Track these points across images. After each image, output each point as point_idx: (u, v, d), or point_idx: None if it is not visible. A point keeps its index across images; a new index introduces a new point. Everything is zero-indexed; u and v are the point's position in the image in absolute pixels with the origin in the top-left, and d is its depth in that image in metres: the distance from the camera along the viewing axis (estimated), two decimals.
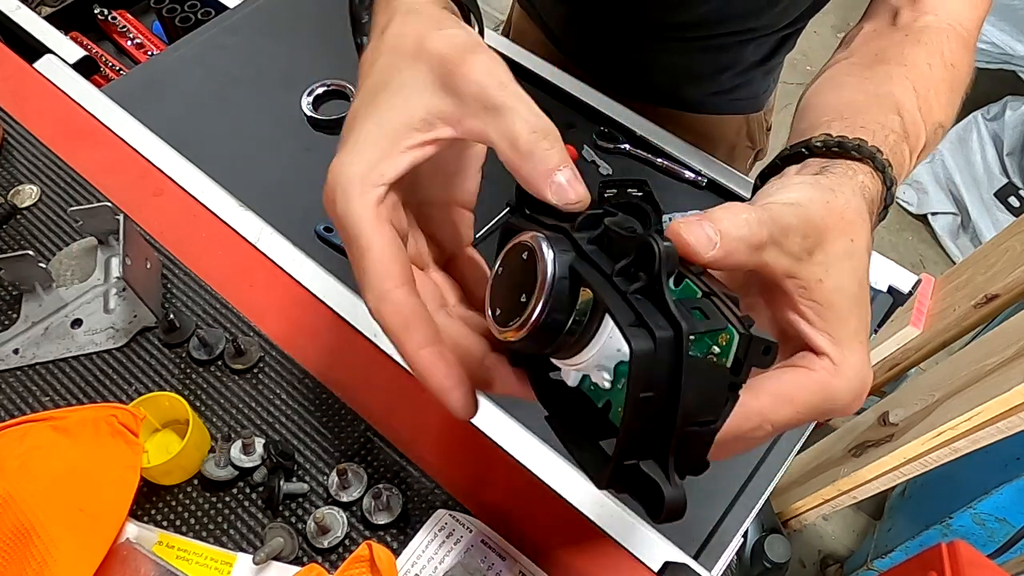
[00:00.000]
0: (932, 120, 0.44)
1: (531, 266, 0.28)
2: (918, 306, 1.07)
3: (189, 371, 0.57)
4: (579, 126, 0.78)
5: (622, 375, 0.27)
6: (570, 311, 0.28)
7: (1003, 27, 1.87)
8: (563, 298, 0.27)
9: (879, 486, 1.14)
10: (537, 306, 0.27)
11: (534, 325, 0.28)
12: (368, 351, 0.58)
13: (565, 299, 0.28)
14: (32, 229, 0.64)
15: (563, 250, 0.28)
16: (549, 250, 0.28)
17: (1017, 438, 0.90)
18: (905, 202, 2.04)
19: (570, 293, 0.28)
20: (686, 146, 0.77)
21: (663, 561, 0.50)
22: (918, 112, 0.43)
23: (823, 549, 1.51)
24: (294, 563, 0.48)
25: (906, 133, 0.41)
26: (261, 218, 0.66)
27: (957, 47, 0.48)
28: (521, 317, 0.28)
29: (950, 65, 0.47)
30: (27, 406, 0.55)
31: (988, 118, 1.90)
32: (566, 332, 0.28)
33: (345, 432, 0.54)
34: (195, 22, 0.87)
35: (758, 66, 0.82)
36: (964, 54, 0.49)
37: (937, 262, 1.96)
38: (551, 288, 0.27)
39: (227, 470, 0.51)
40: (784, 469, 0.58)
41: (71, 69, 0.76)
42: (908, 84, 0.44)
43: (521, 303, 0.28)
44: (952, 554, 0.42)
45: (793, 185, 0.34)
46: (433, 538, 0.50)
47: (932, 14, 0.49)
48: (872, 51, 0.48)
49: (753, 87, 0.85)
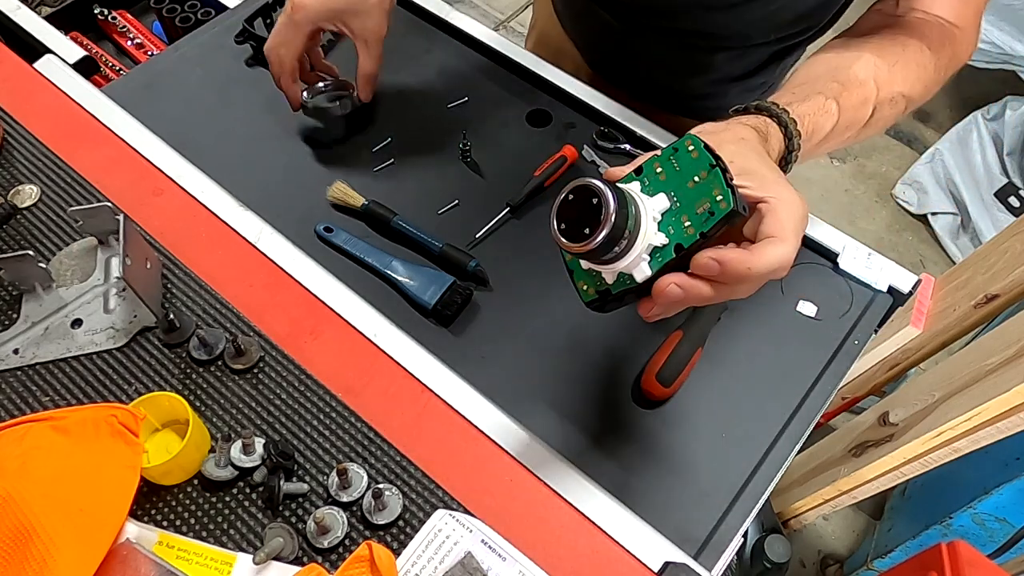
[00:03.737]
0: (891, 88, 0.55)
1: (592, 201, 0.38)
2: (918, 306, 1.06)
3: (189, 371, 0.57)
4: (579, 126, 0.78)
5: (657, 253, 0.41)
6: (623, 232, 0.39)
7: (1003, 27, 1.86)
8: (620, 224, 0.38)
9: (879, 486, 1.14)
10: (603, 230, 0.37)
11: (599, 243, 0.38)
12: (368, 351, 0.58)
13: (621, 224, 0.38)
14: (32, 229, 0.64)
15: (614, 189, 0.39)
16: (608, 190, 0.38)
17: (1017, 438, 0.90)
18: (905, 202, 2.04)
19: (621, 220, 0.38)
20: None
21: (663, 561, 0.50)
22: (872, 81, 0.54)
23: (823, 549, 1.51)
24: (294, 563, 0.48)
25: (840, 95, 0.52)
26: (261, 218, 0.66)
27: (941, 36, 0.57)
28: (590, 238, 0.38)
29: (925, 48, 0.56)
30: (27, 406, 0.55)
31: (988, 118, 1.90)
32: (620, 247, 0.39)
33: (345, 432, 0.54)
34: (195, 22, 0.87)
35: (733, 81, 0.82)
36: (951, 43, 0.58)
37: (937, 262, 1.96)
38: (613, 216, 0.37)
39: (227, 470, 0.51)
40: (784, 469, 0.58)
41: (71, 69, 0.76)
42: (872, 59, 0.55)
43: (584, 233, 0.38)
44: (952, 554, 0.42)
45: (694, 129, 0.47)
46: (433, 538, 0.49)
47: (922, 11, 0.59)
48: (862, 31, 0.59)
49: (727, 99, 0.84)
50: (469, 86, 0.81)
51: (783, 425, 0.60)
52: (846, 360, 0.64)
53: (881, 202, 2.08)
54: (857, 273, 0.68)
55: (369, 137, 0.76)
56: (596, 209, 0.38)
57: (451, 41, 0.86)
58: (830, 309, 0.67)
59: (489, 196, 0.72)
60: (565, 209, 0.40)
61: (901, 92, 0.55)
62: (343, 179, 0.71)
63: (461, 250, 0.67)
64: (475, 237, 0.69)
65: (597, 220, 0.38)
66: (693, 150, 0.40)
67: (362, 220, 0.70)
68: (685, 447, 0.59)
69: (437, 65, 0.83)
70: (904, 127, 2.25)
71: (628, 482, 0.57)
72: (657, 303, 0.41)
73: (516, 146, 0.76)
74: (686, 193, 0.40)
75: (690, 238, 0.40)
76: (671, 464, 0.58)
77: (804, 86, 0.53)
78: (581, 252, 0.39)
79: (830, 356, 0.64)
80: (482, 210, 0.71)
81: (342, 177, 0.71)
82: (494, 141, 0.77)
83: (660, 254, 0.41)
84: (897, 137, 2.23)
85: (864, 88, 0.54)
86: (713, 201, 0.39)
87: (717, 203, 0.39)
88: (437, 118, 0.79)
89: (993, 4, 1.85)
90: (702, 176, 0.40)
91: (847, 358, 0.64)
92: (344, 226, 0.69)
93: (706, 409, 0.61)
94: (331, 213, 0.70)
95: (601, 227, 0.37)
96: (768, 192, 0.42)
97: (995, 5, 1.85)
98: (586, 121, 0.78)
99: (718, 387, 0.62)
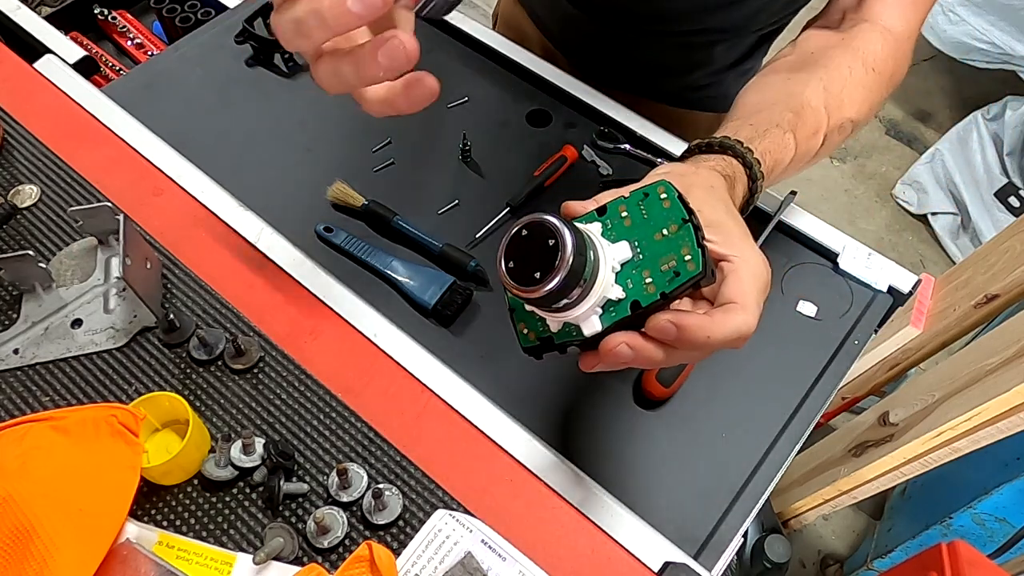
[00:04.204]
0: (840, 115, 0.54)
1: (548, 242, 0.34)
2: (918, 306, 1.07)
3: (189, 371, 0.57)
4: (579, 126, 0.78)
5: (611, 307, 0.37)
6: (579, 278, 0.35)
7: (1003, 27, 1.86)
8: (576, 270, 0.34)
9: (879, 486, 1.14)
10: (555, 277, 0.34)
11: (549, 291, 0.34)
12: (368, 351, 0.58)
13: (577, 271, 0.35)
14: (32, 229, 0.64)
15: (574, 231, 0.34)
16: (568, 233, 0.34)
17: (1017, 438, 0.90)
18: (905, 202, 2.04)
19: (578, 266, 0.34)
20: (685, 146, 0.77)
21: (663, 561, 0.50)
22: (823, 108, 0.53)
23: (823, 549, 1.51)
24: (294, 563, 0.48)
25: (796, 126, 0.51)
26: (261, 218, 0.66)
27: (885, 53, 0.56)
28: (540, 283, 0.34)
29: (871, 69, 0.56)
30: (27, 406, 0.55)
31: (988, 118, 1.90)
32: (572, 297, 0.35)
33: (345, 432, 0.54)
34: (195, 22, 0.87)
35: (730, 68, 0.84)
36: (893, 58, 0.57)
37: (937, 262, 1.96)
38: (569, 262, 0.34)
39: (227, 470, 0.51)
40: (784, 469, 0.58)
41: (71, 69, 0.76)
42: (821, 85, 0.54)
43: (535, 277, 0.34)
44: (952, 554, 0.42)
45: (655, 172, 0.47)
46: (433, 538, 0.49)
47: (868, 21, 0.57)
48: (809, 50, 0.58)
49: (724, 87, 0.87)
50: (469, 86, 0.81)
51: (783, 425, 0.60)
52: (846, 360, 0.64)
53: (881, 202, 2.08)
54: (857, 273, 0.68)
55: (369, 137, 0.76)
56: (551, 251, 0.34)
57: (451, 41, 0.86)
58: (830, 309, 0.67)
59: (489, 196, 0.72)
60: (516, 245, 0.35)
61: (849, 118, 0.55)
62: (343, 179, 0.71)
63: (461, 250, 0.67)
64: (475, 237, 0.69)
65: (551, 264, 0.34)
66: (665, 199, 0.37)
67: (362, 220, 0.70)
68: (685, 447, 0.59)
69: (437, 65, 0.83)
70: (904, 127, 2.25)
71: (628, 482, 0.56)
72: (603, 360, 0.38)
73: (516, 146, 0.76)
74: (651, 245, 0.37)
75: (649, 297, 0.36)
76: (671, 464, 0.58)
77: (760, 116, 0.52)
78: (527, 297, 0.35)
79: (830, 356, 0.64)
80: (482, 210, 0.70)
81: (342, 177, 0.71)
82: (494, 141, 0.77)
83: (614, 309, 0.37)
84: (897, 137, 2.23)
85: (817, 116, 0.53)
86: (680, 260, 0.36)
87: (685, 263, 0.36)
88: (437, 118, 0.79)
89: (993, 4, 1.86)
90: (672, 229, 0.36)
91: (847, 358, 0.64)
92: (344, 226, 0.69)
93: (706, 409, 0.61)
94: (331, 213, 0.70)
95: (554, 273, 0.33)
96: (733, 250, 0.39)
97: (995, 5, 1.85)
98: (586, 121, 0.78)
99: (718, 387, 0.62)
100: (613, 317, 0.37)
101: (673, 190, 0.37)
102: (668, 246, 0.36)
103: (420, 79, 0.35)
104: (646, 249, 0.37)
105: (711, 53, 0.80)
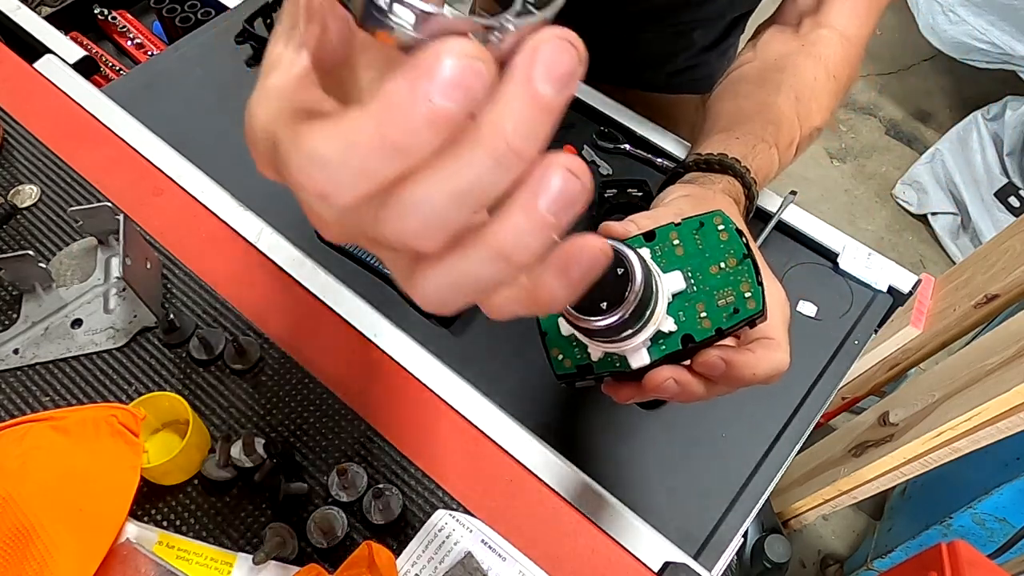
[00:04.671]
0: (809, 124, 0.55)
1: (617, 271, 0.32)
2: (918, 306, 1.07)
3: (189, 371, 0.56)
4: (579, 126, 0.78)
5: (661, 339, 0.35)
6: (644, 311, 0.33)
7: (1003, 27, 1.86)
8: (644, 302, 0.33)
9: (879, 486, 1.14)
10: (625, 308, 0.32)
11: (613, 323, 0.32)
12: (368, 351, 0.58)
13: (645, 303, 0.33)
14: (32, 229, 0.64)
15: (641, 260, 0.32)
16: (637, 261, 0.32)
17: (1017, 438, 0.90)
18: (905, 202, 2.04)
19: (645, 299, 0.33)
20: (686, 146, 0.77)
21: (663, 561, 0.50)
22: (796, 119, 0.54)
23: (823, 549, 1.51)
24: (294, 563, 0.48)
25: (778, 139, 0.52)
26: (261, 218, 0.66)
27: (842, 59, 0.58)
28: (605, 314, 0.32)
29: (832, 77, 0.57)
30: (27, 406, 0.55)
31: (988, 118, 1.90)
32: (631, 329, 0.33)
33: (345, 432, 0.54)
34: (195, 22, 0.87)
35: (710, 49, 0.86)
36: (848, 64, 0.58)
37: (937, 262, 1.96)
38: (639, 293, 0.32)
39: (227, 470, 0.51)
40: (784, 469, 0.58)
41: (71, 69, 0.76)
42: (793, 95, 0.55)
43: (600, 307, 0.32)
44: (952, 554, 0.42)
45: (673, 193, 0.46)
46: (433, 538, 0.49)
47: (827, 27, 0.58)
48: (773, 55, 0.59)
49: (707, 68, 0.89)
50: None
51: (783, 425, 0.60)
52: (846, 360, 0.64)
53: (881, 202, 2.08)
54: (857, 273, 0.68)
55: None
56: (619, 281, 0.31)
57: None
58: (830, 309, 0.67)
59: None
60: None
61: (816, 126, 0.56)
62: None
63: None
64: None
65: (620, 295, 0.31)
66: (723, 230, 0.35)
67: None
68: (685, 447, 0.59)
69: None
70: (904, 127, 2.25)
71: (628, 482, 0.57)
72: (645, 394, 0.36)
73: None
74: (707, 278, 0.35)
75: (704, 332, 0.35)
76: (671, 464, 0.58)
77: (744, 128, 0.52)
78: (587, 328, 0.32)
79: (830, 356, 0.64)
80: None
81: None
82: None
83: (664, 342, 0.35)
84: (897, 137, 2.23)
85: (792, 128, 0.54)
86: (740, 296, 0.34)
87: (745, 300, 0.34)
88: None
89: (993, 4, 1.86)
90: (730, 263, 0.35)
91: (847, 358, 0.64)
92: None
93: (706, 409, 0.61)
94: None
95: (624, 305, 0.31)
96: None
97: (995, 5, 1.85)
98: (586, 121, 0.78)
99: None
100: (663, 351, 0.35)
101: (731, 222, 0.36)
102: (726, 281, 0.35)
103: (583, 246, 0.21)
104: (701, 282, 0.35)
105: (691, 38, 0.82)
